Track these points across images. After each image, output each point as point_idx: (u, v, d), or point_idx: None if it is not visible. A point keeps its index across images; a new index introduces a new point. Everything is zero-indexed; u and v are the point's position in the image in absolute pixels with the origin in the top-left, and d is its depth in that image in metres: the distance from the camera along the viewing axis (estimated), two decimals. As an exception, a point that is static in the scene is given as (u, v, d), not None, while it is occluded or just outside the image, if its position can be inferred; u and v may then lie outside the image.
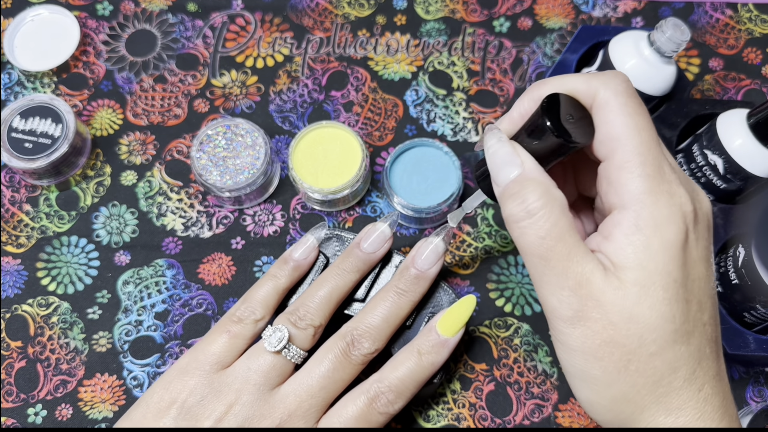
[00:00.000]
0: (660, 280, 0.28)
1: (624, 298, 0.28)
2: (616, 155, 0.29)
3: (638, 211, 0.29)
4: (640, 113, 0.30)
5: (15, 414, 0.42)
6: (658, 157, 0.29)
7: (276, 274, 0.39)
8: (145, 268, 0.46)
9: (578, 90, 0.31)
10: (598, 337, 0.28)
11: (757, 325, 0.42)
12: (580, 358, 0.29)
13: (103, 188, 0.49)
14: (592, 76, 0.31)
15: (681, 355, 0.28)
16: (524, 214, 0.29)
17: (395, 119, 0.51)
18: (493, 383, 0.44)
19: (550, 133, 0.30)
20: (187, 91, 0.52)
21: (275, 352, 0.36)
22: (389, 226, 0.40)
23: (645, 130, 0.29)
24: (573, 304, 0.29)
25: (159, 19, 0.54)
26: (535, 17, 0.55)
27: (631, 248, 0.28)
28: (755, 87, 0.53)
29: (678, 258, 0.28)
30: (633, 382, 0.28)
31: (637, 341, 0.28)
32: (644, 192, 0.29)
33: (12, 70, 0.52)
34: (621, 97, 0.30)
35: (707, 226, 0.31)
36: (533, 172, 0.30)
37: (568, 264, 0.29)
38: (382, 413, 0.36)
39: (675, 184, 0.29)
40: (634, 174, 0.29)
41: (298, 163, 0.47)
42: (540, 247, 0.29)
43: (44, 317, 0.45)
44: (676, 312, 0.28)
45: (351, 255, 0.40)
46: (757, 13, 0.56)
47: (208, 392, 0.35)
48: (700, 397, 0.29)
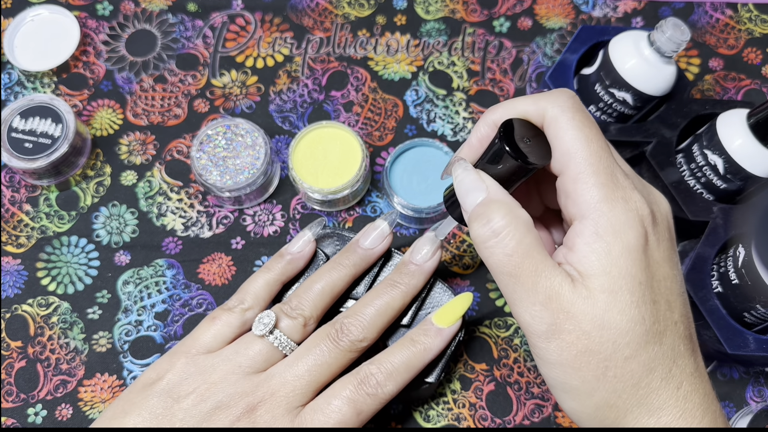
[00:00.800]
0: (625, 284, 0.29)
1: (594, 306, 0.29)
2: (569, 168, 0.30)
3: (596, 219, 0.29)
4: (588, 125, 0.31)
5: (15, 414, 0.42)
6: (609, 165, 0.30)
7: (269, 267, 0.40)
8: (145, 268, 0.46)
9: (528, 112, 0.32)
10: (574, 348, 0.29)
11: (757, 325, 0.42)
12: (559, 370, 0.30)
13: (103, 188, 0.49)
14: (539, 96, 0.32)
15: (655, 355, 0.29)
16: (490, 233, 0.30)
17: (395, 119, 0.51)
18: (493, 383, 0.44)
19: (510, 157, 0.31)
20: (187, 91, 0.52)
21: (261, 336, 0.36)
22: (389, 223, 0.40)
23: (594, 141, 0.30)
24: (545, 318, 0.29)
25: (159, 19, 0.54)
26: (535, 17, 0.55)
27: (594, 256, 0.29)
28: (755, 87, 0.53)
29: (640, 261, 0.29)
30: (613, 387, 0.29)
31: (612, 347, 0.29)
32: (600, 200, 0.29)
33: (12, 70, 0.52)
34: (568, 113, 0.31)
35: (667, 227, 0.32)
36: (497, 194, 0.31)
37: (537, 279, 0.29)
38: (371, 395, 0.35)
39: (629, 189, 0.30)
40: (588, 184, 0.30)
41: (298, 163, 0.47)
42: (508, 265, 0.30)
43: (44, 317, 0.45)
44: (645, 313, 0.29)
45: (349, 251, 0.40)
46: (757, 13, 0.56)
47: (194, 371, 0.35)
48: (680, 395, 0.29)
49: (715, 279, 0.42)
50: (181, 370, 0.36)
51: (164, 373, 0.36)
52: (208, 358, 0.36)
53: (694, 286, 0.41)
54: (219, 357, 0.36)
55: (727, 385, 0.45)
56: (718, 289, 0.42)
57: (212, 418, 0.34)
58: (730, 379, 0.45)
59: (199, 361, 0.36)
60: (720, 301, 0.41)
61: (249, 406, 0.34)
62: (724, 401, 0.45)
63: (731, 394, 0.45)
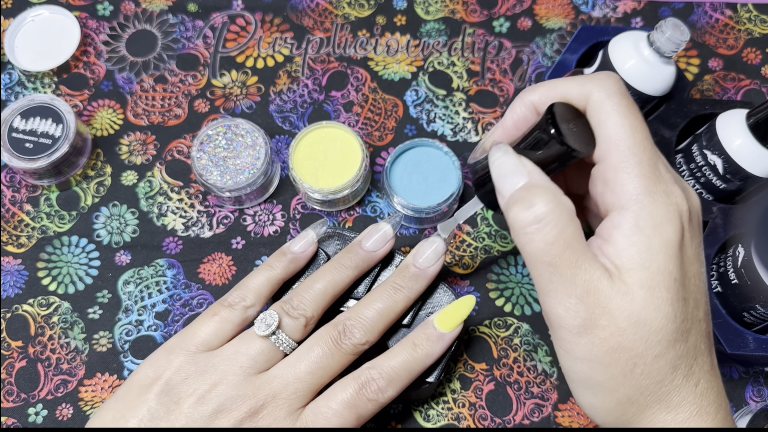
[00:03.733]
0: (663, 280, 0.28)
1: (632, 302, 0.28)
2: (611, 156, 0.29)
3: (637, 211, 0.29)
4: (633, 113, 0.30)
5: (15, 414, 0.42)
6: (653, 156, 0.29)
7: (272, 264, 0.39)
8: (146, 268, 0.46)
9: (571, 94, 0.31)
10: (606, 344, 0.28)
11: (756, 325, 0.42)
12: (585, 365, 0.29)
13: (104, 188, 0.49)
14: (584, 78, 0.31)
15: (681, 353, 0.29)
16: (532, 219, 0.29)
17: (395, 119, 0.51)
18: (493, 383, 0.44)
19: (557, 143, 0.29)
20: (188, 91, 0.52)
21: (264, 336, 0.36)
22: (392, 226, 0.40)
23: (639, 130, 0.29)
24: (581, 313, 0.29)
25: (159, 20, 0.54)
26: (535, 17, 0.55)
27: (634, 249, 0.28)
28: (755, 87, 0.53)
29: (677, 257, 0.29)
30: (638, 384, 0.29)
31: (644, 344, 0.28)
32: (642, 192, 0.29)
33: (12, 70, 0.52)
34: (614, 98, 0.30)
35: (698, 224, 0.31)
36: (540, 180, 0.30)
37: (576, 271, 0.28)
38: (371, 400, 0.35)
39: (671, 183, 0.29)
40: (631, 174, 0.29)
41: (298, 163, 0.47)
42: (548, 254, 0.29)
43: (45, 317, 0.45)
44: (677, 311, 0.28)
45: (351, 251, 0.40)
46: (756, 13, 0.56)
47: (193, 371, 0.35)
48: (697, 392, 0.29)
49: (715, 279, 0.42)
50: (180, 369, 0.35)
51: (162, 371, 0.35)
52: (209, 357, 0.36)
53: (693, 286, 0.41)
54: (219, 356, 0.36)
55: (727, 384, 0.45)
56: (718, 288, 0.42)
57: (214, 422, 0.34)
58: (729, 378, 0.45)
59: (199, 359, 0.35)
60: (719, 300, 0.41)
61: (251, 410, 0.34)
62: (723, 401, 0.45)
63: (731, 393, 0.45)
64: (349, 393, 0.35)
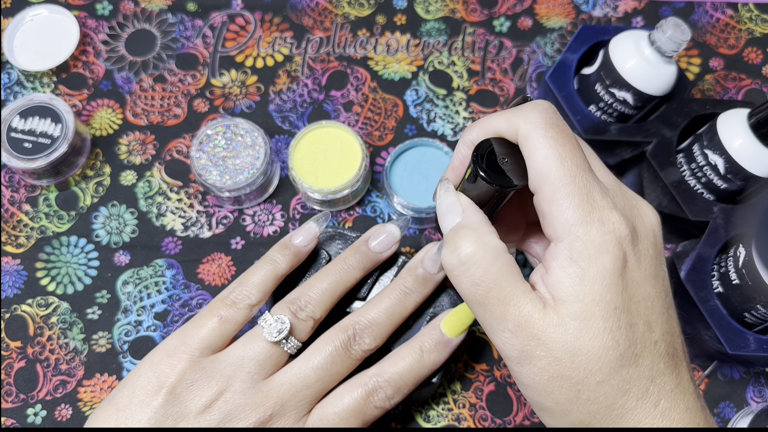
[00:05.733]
0: (599, 310, 0.28)
1: (565, 334, 0.28)
2: (544, 189, 0.29)
3: (571, 243, 0.28)
4: (562, 143, 0.29)
5: (14, 414, 0.42)
6: (585, 184, 0.29)
7: (275, 258, 0.38)
8: (145, 268, 0.46)
9: (502, 129, 0.31)
10: (546, 373, 0.28)
11: (757, 326, 0.42)
12: (533, 392, 0.30)
13: (103, 188, 0.48)
14: (512, 112, 0.31)
15: (630, 377, 0.28)
16: (456, 261, 0.29)
17: (395, 119, 0.51)
18: (493, 383, 0.44)
19: (484, 181, 0.30)
20: (187, 90, 0.52)
21: (274, 342, 0.35)
22: (400, 228, 0.40)
23: (568, 159, 0.29)
24: (516, 345, 0.29)
25: (158, 19, 0.54)
26: (536, 17, 0.55)
27: (569, 281, 0.28)
28: (756, 87, 0.53)
29: (616, 285, 0.28)
30: (587, 410, 0.29)
31: (584, 372, 0.28)
32: (575, 224, 0.28)
33: (11, 69, 0.52)
34: (539, 129, 0.29)
35: (653, 243, 0.30)
36: (470, 219, 0.30)
37: (505, 308, 0.29)
38: (378, 407, 0.36)
39: (606, 209, 0.29)
40: (562, 206, 0.28)
41: (297, 163, 0.46)
42: (475, 294, 0.29)
43: (44, 317, 0.45)
44: (619, 338, 0.28)
45: (358, 252, 0.39)
46: (757, 12, 0.56)
47: (199, 377, 0.34)
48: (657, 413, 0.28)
49: (716, 279, 0.42)
50: (184, 375, 0.34)
51: (165, 378, 0.34)
52: (214, 362, 0.35)
53: (694, 287, 0.41)
54: (225, 360, 0.35)
55: (728, 385, 0.45)
56: (719, 289, 0.42)
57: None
58: (730, 379, 0.45)
59: (204, 364, 0.35)
60: (720, 301, 0.41)
61: (259, 420, 0.34)
62: (724, 401, 0.44)
63: (732, 394, 0.45)
64: (356, 400, 0.35)
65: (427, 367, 0.37)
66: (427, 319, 0.40)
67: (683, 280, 0.41)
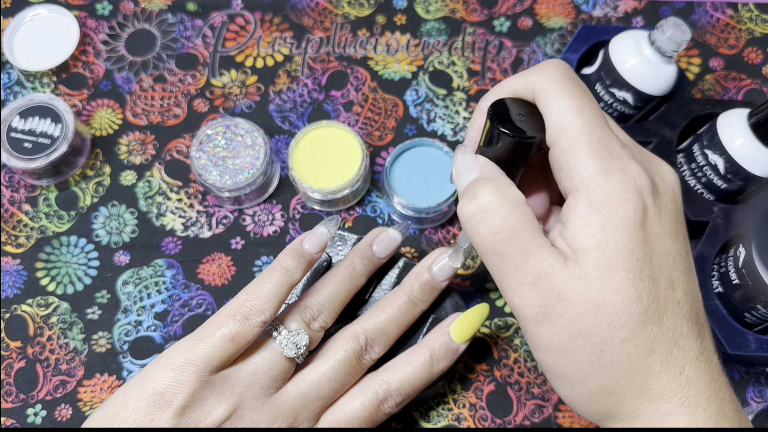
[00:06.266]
0: (621, 260, 0.27)
1: (588, 286, 0.27)
2: (561, 140, 0.28)
3: (591, 191, 0.27)
4: (579, 94, 0.29)
5: (14, 414, 0.42)
6: (604, 134, 0.28)
7: (288, 266, 0.35)
8: (145, 268, 0.46)
9: (518, 88, 0.31)
10: (566, 332, 0.27)
11: (757, 326, 0.42)
12: (551, 356, 0.28)
13: (103, 188, 0.48)
14: (528, 71, 0.30)
15: (654, 336, 0.27)
16: (475, 210, 0.28)
17: (395, 119, 0.51)
18: (493, 383, 0.44)
19: (502, 134, 0.29)
20: (187, 90, 0.52)
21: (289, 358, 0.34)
22: (401, 233, 0.41)
23: (586, 110, 0.28)
24: (535, 301, 0.27)
25: (158, 19, 0.54)
26: (536, 17, 0.55)
27: (589, 230, 0.27)
28: (756, 87, 0.53)
29: (638, 235, 0.27)
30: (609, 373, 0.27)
31: (607, 329, 0.27)
32: (594, 171, 0.27)
33: (11, 69, 0.52)
34: (557, 82, 0.29)
35: (672, 199, 0.29)
36: (489, 172, 0.30)
37: (525, 259, 0.27)
38: (387, 414, 0.36)
39: (626, 159, 0.28)
40: (581, 155, 0.28)
41: (297, 162, 0.46)
42: (494, 244, 0.28)
43: (44, 317, 0.45)
44: (642, 292, 0.27)
45: (365, 258, 0.40)
46: (757, 12, 0.56)
47: (210, 395, 0.33)
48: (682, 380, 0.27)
49: (716, 279, 0.42)
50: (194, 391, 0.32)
51: (173, 395, 0.32)
52: (225, 379, 0.33)
53: (694, 287, 0.41)
54: (237, 376, 0.33)
55: (728, 385, 0.45)
56: (719, 289, 0.42)
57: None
58: (730, 379, 0.45)
59: (215, 381, 0.33)
60: (720, 301, 0.41)
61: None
62: (724, 401, 0.44)
63: (732, 394, 0.45)
64: (366, 408, 0.36)
65: (435, 375, 0.38)
66: (429, 319, 0.41)
67: (683, 280, 0.41)
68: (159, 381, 0.33)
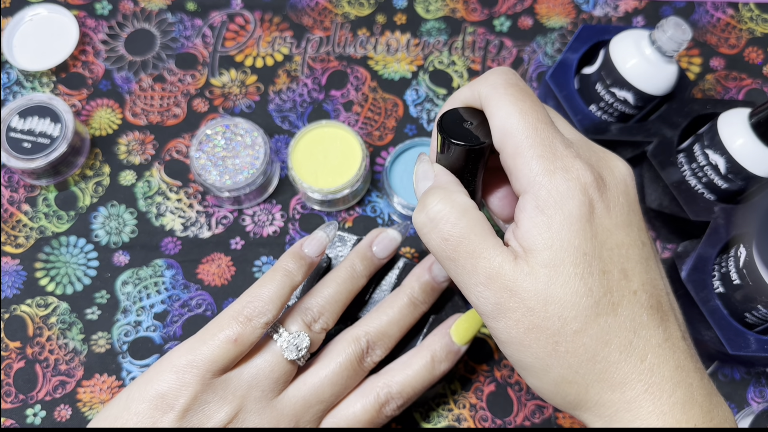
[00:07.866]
0: (568, 256, 0.28)
1: (536, 282, 0.28)
2: (507, 144, 0.29)
3: (536, 192, 0.28)
4: (522, 99, 0.30)
5: (14, 415, 0.42)
6: (547, 136, 0.29)
7: (290, 269, 0.36)
8: (144, 269, 0.46)
9: (467, 98, 0.32)
10: (521, 325, 0.28)
11: (758, 326, 0.42)
12: (512, 349, 0.29)
13: (102, 188, 0.48)
14: (476, 80, 0.32)
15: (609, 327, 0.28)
16: (426, 219, 0.30)
17: (395, 119, 0.51)
18: (493, 384, 0.44)
19: (449, 142, 0.30)
20: (186, 90, 0.51)
21: (291, 361, 0.35)
22: (400, 233, 0.41)
23: (529, 113, 0.29)
24: (489, 299, 0.29)
25: (158, 19, 0.54)
26: (536, 16, 0.55)
27: (536, 230, 0.28)
28: (756, 86, 0.53)
29: (584, 231, 0.28)
30: (567, 363, 0.28)
31: (558, 321, 0.28)
32: (539, 173, 0.28)
33: (11, 69, 0.52)
34: (500, 89, 0.30)
35: (623, 191, 0.30)
36: (440, 180, 0.31)
37: (475, 261, 0.29)
38: (389, 417, 0.37)
39: (570, 158, 0.29)
40: (526, 158, 0.29)
41: (297, 162, 0.46)
42: (446, 249, 0.29)
43: (43, 318, 0.45)
44: (592, 285, 0.28)
45: (366, 258, 0.40)
46: (758, 12, 0.55)
47: (212, 398, 0.33)
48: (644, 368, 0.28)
49: (717, 279, 0.42)
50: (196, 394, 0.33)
51: (175, 397, 0.32)
52: (226, 381, 0.33)
53: (695, 287, 0.41)
54: (239, 379, 0.34)
55: (729, 385, 0.45)
56: (720, 289, 0.42)
57: None
58: (731, 379, 0.45)
59: (217, 384, 0.33)
60: (721, 301, 0.41)
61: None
62: (725, 402, 0.44)
63: (732, 394, 0.44)
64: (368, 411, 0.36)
65: (436, 377, 0.38)
66: (429, 323, 0.41)
67: (684, 280, 0.41)
68: (161, 383, 0.33)
